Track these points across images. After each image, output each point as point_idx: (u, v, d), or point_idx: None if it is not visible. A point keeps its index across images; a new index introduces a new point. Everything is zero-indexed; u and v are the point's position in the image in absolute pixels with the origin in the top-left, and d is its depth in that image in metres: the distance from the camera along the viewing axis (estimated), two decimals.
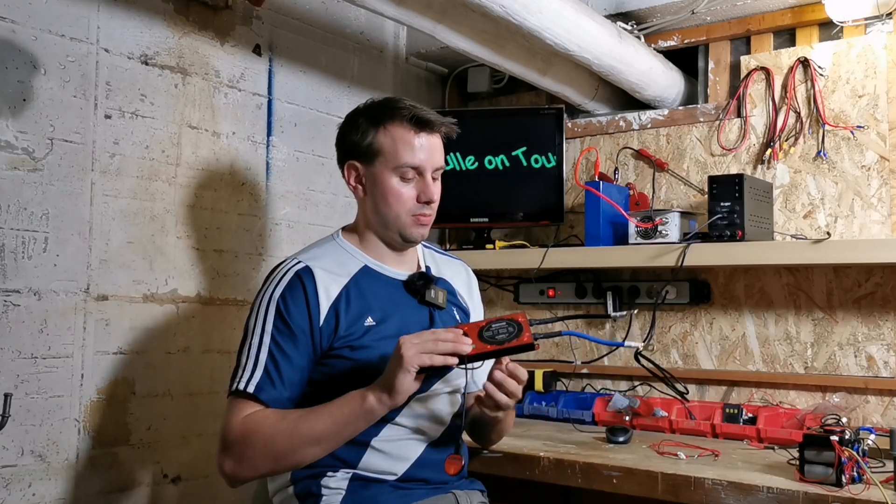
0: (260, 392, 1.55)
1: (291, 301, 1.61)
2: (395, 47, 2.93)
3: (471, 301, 1.91)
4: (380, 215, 1.72)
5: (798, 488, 1.62)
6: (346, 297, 1.65)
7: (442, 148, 1.75)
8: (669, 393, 2.49)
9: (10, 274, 1.84)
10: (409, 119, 1.68)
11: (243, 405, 1.57)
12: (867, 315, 2.30)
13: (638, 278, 2.65)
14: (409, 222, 1.70)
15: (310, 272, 1.64)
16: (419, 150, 1.68)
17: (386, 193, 1.69)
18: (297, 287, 1.62)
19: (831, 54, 2.38)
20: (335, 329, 1.62)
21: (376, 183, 1.70)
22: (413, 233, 1.71)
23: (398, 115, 1.69)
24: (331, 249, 1.74)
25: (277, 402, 1.57)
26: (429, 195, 1.69)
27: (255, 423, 1.54)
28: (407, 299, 1.73)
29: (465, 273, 1.94)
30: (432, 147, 1.71)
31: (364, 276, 1.70)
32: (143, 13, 2.13)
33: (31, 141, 1.88)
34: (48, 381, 1.90)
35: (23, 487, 1.85)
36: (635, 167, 2.72)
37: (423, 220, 1.71)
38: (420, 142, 1.69)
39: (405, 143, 1.68)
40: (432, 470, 1.68)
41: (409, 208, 1.69)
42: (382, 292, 1.70)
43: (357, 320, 1.64)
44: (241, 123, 2.37)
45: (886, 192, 2.29)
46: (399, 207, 1.69)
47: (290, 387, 1.59)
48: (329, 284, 1.65)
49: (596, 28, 2.26)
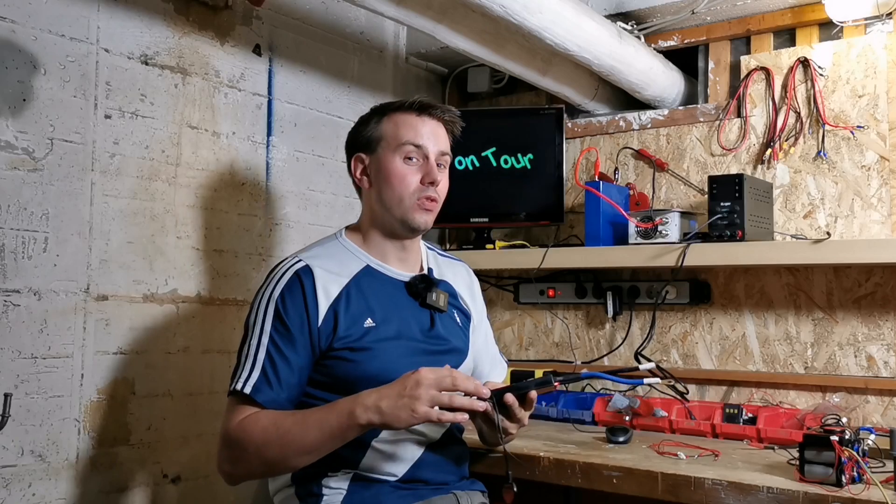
0: (256, 394, 1.55)
1: (290, 301, 1.60)
2: (395, 47, 2.93)
3: (472, 303, 1.91)
4: (384, 202, 1.70)
5: (798, 488, 1.62)
6: (346, 297, 1.64)
7: (447, 137, 1.74)
8: (669, 393, 2.49)
9: (10, 274, 1.84)
10: (411, 105, 1.70)
11: (240, 408, 1.57)
12: (867, 315, 2.30)
13: (638, 278, 2.65)
14: (412, 206, 1.68)
15: (309, 271, 1.64)
16: (422, 130, 1.69)
17: (390, 175, 1.68)
18: (296, 286, 1.62)
19: (831, 54, 2.38)
20: (334, 329, 1.61)
21: (380, 168, 1.70)
22: (417, 218, 1.68)
23: (401, 104, 1.72)
24: (333, 248, 1.73)
25: (274, 404, 1.56)
26: (433, 176, 1.67)
27: (250, 429, 1.53)
28: (408, 301, 1.72)
29: (466, 275, 1.93)
30: (436, 131, 1.71)
31: (365, 277, 1.69)
32: (143, 13, 2.13)
33: (31, 141, 1.88)
34: (48, 381, 1.90)
35: (23, 487, 1.85)
36: (635, 167, 2.72)
37: (427, 204, 1.68)
38: (422, 123, 1.69)
39: (407, 124, 1.69)
40: (433, 470, 1.68)
41: (412, 190, 1.67)
42: (383, 293, 1.70)
43: (357, 321, 1.63)
44: (241, 123, 2.37)
45: (886, 192, 2.29)
46: (403, 189, 1.67)
47: (288, 388, 1.58)
48: (329, 284, 1.64)
49: (596, 28, 2.26)
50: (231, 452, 1.55)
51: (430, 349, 1.71)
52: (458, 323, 1.81)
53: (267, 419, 1.53)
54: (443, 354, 1.71)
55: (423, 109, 1.70)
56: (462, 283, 1.90)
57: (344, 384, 1.59)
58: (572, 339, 2.77)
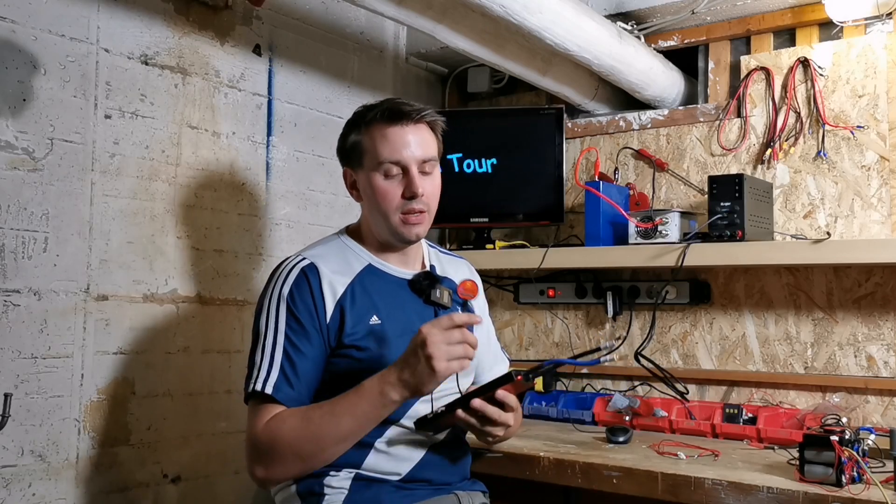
0: (277, 392, 1.55)
1: (299, 297, 1.61)
2: (395, 47, 2.93)
3: (475, 300, 1.91)
4: (374, 217, 1.71)
5: (798, 488, 1.62)
6: (351, 294, 1.65)
7: (428, 139, 1.69)
8: (669, 393, 2.49)
9: (10, 274, 1.84)
10: (383, 114, 1.66)
11: (263, 409, 1.56)
12: (867, 315, 2.30)
13: (638, 278, 2.65)
14: (398, 221, 1.67)
15: (315, 269, 1.64)
16: (397, 144, 1.65)
17: (374, 194, 1.67)
18: (303, 283, 1.62)
19: (831, 54, 2.38)
20: (341, 326, 1.62)
21: (365, 185, 1.70)
22: (404, 232, 1.68)
23: (373, 113, 1.68)
24: (335, 247, 1.74)
25: (295, 402, 1.56)
26: (412, 189, 1.65)
27: (279, 429, 1.53)
28: (412, 298, 1.73)
29: (468, 272, 1.94)
30: (412, 139, 1.66)
31: (368, 275, 1.70)
32: (143, 13, 2.13)
33: (31, 141, 1.88)
34: (48, 381, 1.90)
35: (23, 487, 1.85)
36: (635, 167, 2.72)
37: (412, 218, 1.67)
38: (397, 135, 1.65)
39: (382, 138, 1.66)
40: (435, 471, 1.69)
41: (395, 206, 1.66)
42: (387, 291, 1.70)
43: (362, 318, 1.64)
44: (241, 123, 2.37)
45: (886, 192, 2.29)
46: (387, 206, 1.66)
47: (307, 384, 1.58)
48: (334, 281, 1.64)
49: (596, 28, 2.26)
50: (263, 456, 1.55)
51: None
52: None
53: (293, 417, 1.54)
54: None
55: (394, 118, 1.66)
56: (464, 279, 1.90)
57: (350, 382, 1.58)
58: (572, 339, 2.77)
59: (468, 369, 1.75)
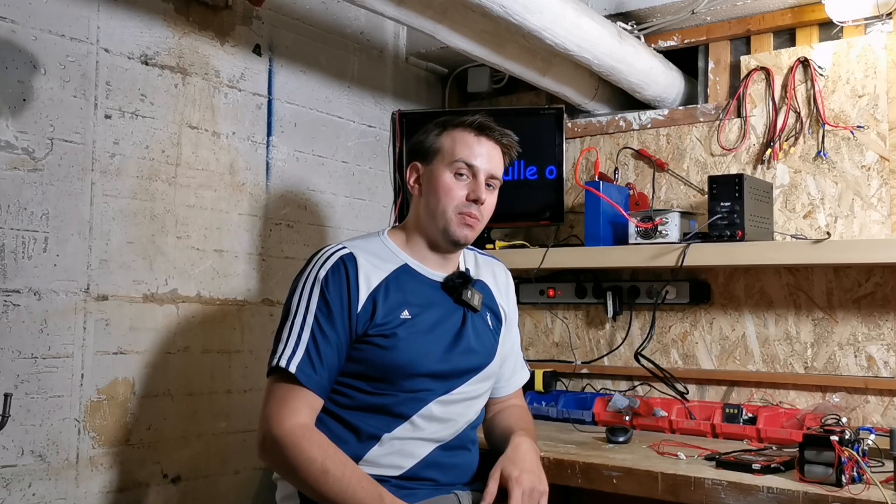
0: (301, 374, 1.58)
1: (334, 283, 1.65)
2: (395, 47, 2.93)
3: (507, 305, 1.93)
4: (430, 211, 1.74)
5: (798, 488, 1.62)
6: (385, 288, 1.68)
7: (501, 160, 1.79)
8: (669, 393, 2.49)
9: (10, 274, 1.84)
10: (471, 124, 1.75)
11: (286, 391, 1.58)
12: (867, 315, 2.30)
13: (638, 278, 2.65)
14: (454, 219, 1.72)
15: (353, 258, 1.68)
16: (474, 150, 1.74)
17: (438, 187, 1.73)
18: (340, 270, 1.66)
19: (831, 54, 2.38)
20: (371, 317, 1.65)
21: (431, 179, 1.75)
22: (457, 231, 1.73)
23: (463, 121, 1.77)
24: (374, 244, 1.77)
25: (317, 386, 1.59)
26: (478, 194, 1.72)
27: (302, 451, 1.53)
28: (443, 298, 1.76)
29: (503, 274, 1.96)
30: (490, 153, 1.76)
31: (403, 274, 1.73)
32: (143, 13, 2.13)
33: (31, 141, 1.89)
34: (48, 381, 1.90)
35: (23, 487, 1.85)
36: (635, 167, 2.71)
37: (468, 220, 1.73)
38: (477, 143, 1.74)
39: (464, 142, 1.74)
40: (440, 471, 1.70)
41: (456, 204, 1.72)
42: (419, 291, 1.74)
43: (393, 311, 1.67)
44: (241, 123, 2.37)
45: (886, 192, 2.29)
46: (447, 201, 1.72)
47: (329, 369, 1.62)
48: (370, 273, 1.68)
49: (596, 28, 2.26)
50: (275, 454, 1.57)
51: (458, 348, 1.74)
52: (490, 326, 1.84)
53: (317, 448, 1.54)
54: (469, 354, 1.75)
55: (482, 130, 1.75)
56: (499, 282, 1.93)
57: (370, 370, 1.63)
58: (572, 339, 2.77)
59: (488, 374, 1.78)
